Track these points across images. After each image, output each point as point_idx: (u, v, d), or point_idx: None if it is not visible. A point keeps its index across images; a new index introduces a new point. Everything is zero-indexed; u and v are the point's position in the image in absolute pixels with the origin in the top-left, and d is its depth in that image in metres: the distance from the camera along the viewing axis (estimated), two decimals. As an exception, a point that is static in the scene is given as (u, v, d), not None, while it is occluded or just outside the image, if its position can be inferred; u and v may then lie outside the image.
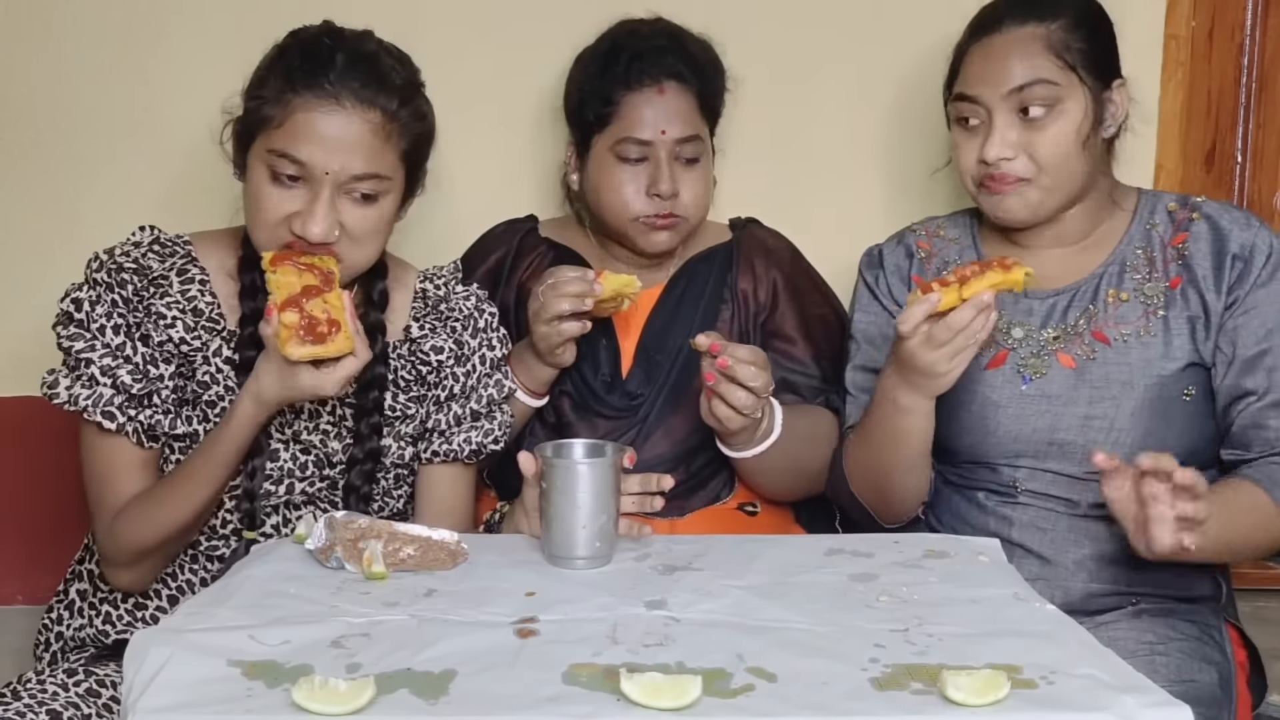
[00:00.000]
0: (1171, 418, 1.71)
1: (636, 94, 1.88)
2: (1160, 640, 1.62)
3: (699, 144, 1.91)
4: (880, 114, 2.25)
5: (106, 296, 1.62)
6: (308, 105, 1.58)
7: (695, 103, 1.91)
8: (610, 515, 1.49)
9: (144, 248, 1.68)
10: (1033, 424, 1.73)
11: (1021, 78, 1.70)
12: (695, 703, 1.12)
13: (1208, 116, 2.29)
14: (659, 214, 1.89)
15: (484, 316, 1.81)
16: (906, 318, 1.60)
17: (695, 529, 1.90)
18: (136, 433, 1.62)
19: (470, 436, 1.77)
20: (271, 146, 1.59)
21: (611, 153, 1.90)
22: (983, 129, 1.73)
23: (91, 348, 1.61)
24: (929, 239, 1.89)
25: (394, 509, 1.78)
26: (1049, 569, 1.71)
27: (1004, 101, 1.71)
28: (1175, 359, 1.71)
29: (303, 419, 1.70)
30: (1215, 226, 1.75)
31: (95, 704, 1.53)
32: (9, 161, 2.21)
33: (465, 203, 2.15)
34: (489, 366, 1.80)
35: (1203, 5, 2.25)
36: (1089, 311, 1.75)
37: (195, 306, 1.66)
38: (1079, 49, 1.71)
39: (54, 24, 2.19)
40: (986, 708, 1.12)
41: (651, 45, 1.91)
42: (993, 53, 1.73)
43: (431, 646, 1.24)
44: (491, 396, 1.79)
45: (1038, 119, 1.70)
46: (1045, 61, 1.70)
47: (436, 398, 1.77)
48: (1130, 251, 1.77)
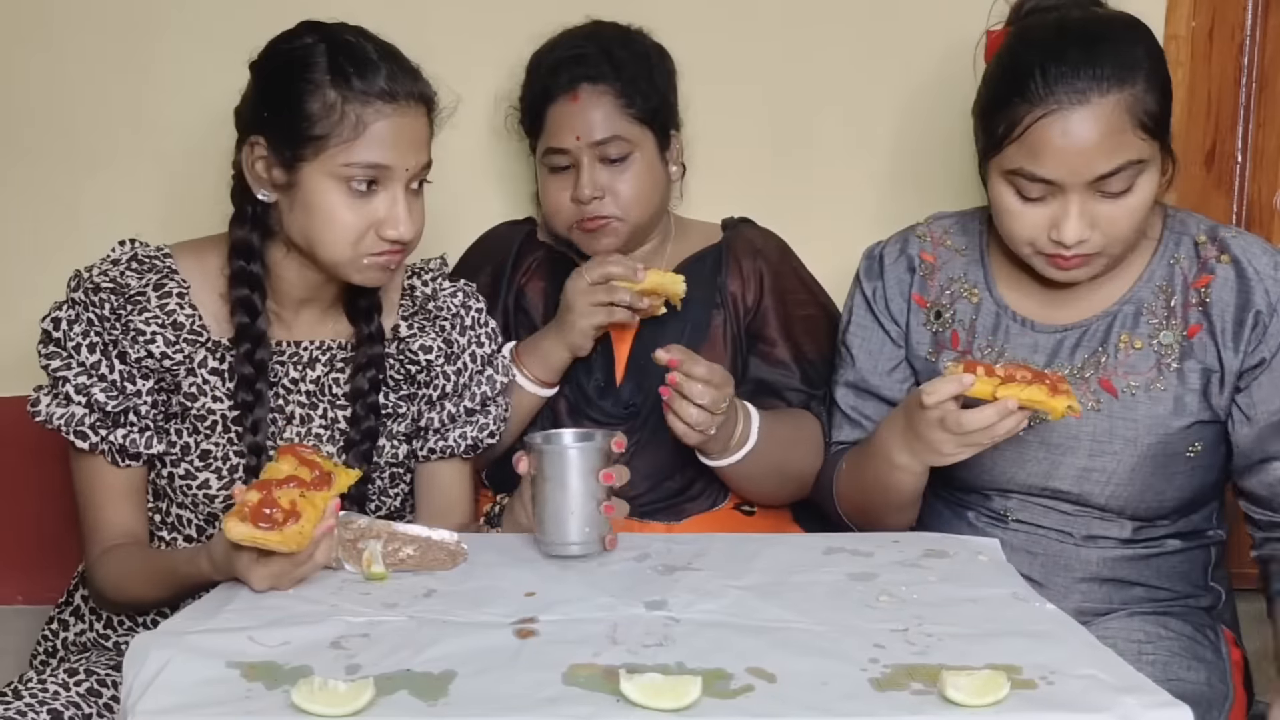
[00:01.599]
0: (1173, 474, 1.66)
1: (555, 104, 1.90)
2: (1149, 639, 1.62)
3: (622, 144, 1.89)
4: (880, 113, 2.24)
5: (84, 315, 1.63)
6: (382, 113, 1.59)
7: (617, 101, 1.89)
8: (600, 500, 1.50)
9: (122, 265, 1.67)
10: (1029, 469, 1.69)
11: (1110, 164, 1.54)
12: (695, 703, 1.12)
13: (1208, 116, 2.29)
14: (588, 218, 1.90)
15: (471, 313, 1.81)
16: (933, 391, 1.52)
17: (692, 528, 1.90)
18: (110, 452, 1.63)
19: (466, 432, 1.78)
20: (349, 160, 1.58)
21: (543, 164, 1.94)
22: (1051, 202, 1.59)
23: (67, 366, 1.62)
24: (934, 248, 1.80)
25: (391, 508, 1.78)
26: (1041, 590, 1.67)
27: (1086, 186, 1.56)
28: (1185, 415, 1.64)
29: (294, 425, 1.71)
30: (1241, 274, 1.64)
31: (96, 704, 1.53)
32: (8, 161, 2.21)
33: (459, 205, 2.15)
34: (479, 363, 1.80)
35: (1203, 5, 2.25)
36: (1097, 355, 1.67)
37: (175, 320, 1.66)
38: (1155, 111, 1.55)
39: (54, 24, 2.18)
40: (986, 708, 1.12)
41: (567, 54, 1.92)
42: (1072, 132, 1.53)
43: (431, 647, 1.24)
44: (485, 393, 1.79)
45: (1117, 197, 1.57)
46: (1133, 139, 1.54)
47: (428, 397, 1.77)
48: (1149, 291, 1.68)
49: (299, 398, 1.71)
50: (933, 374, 1.71)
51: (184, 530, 1.71)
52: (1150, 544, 1.70)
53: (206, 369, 1.67)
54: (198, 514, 1.70)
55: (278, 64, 1.64)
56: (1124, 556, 1.70)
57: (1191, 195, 2.18)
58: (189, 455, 1.67)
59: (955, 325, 1.76)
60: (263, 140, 1.62)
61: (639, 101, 1.90)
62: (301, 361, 1.72)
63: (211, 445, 1.67)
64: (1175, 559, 1.71)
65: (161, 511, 1.71)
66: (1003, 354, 1.72)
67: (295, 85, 1.60)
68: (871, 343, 1.82)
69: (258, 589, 1.40)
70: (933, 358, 1.78)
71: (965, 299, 1.77)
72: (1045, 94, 1.55)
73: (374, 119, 1.58)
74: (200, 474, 1.67)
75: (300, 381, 1.72)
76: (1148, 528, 1.70)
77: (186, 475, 1.67)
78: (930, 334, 1.79)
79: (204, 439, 1.67)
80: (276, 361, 1.70)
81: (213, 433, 1.67)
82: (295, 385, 1.72)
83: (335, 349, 1.74)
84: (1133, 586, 1.70)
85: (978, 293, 1.76)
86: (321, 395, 1.72)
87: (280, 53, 1.64)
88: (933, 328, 1.78)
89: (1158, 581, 1.70)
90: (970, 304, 1.76)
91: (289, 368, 1.71)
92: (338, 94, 1.58)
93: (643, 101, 1.91)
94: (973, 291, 1.77)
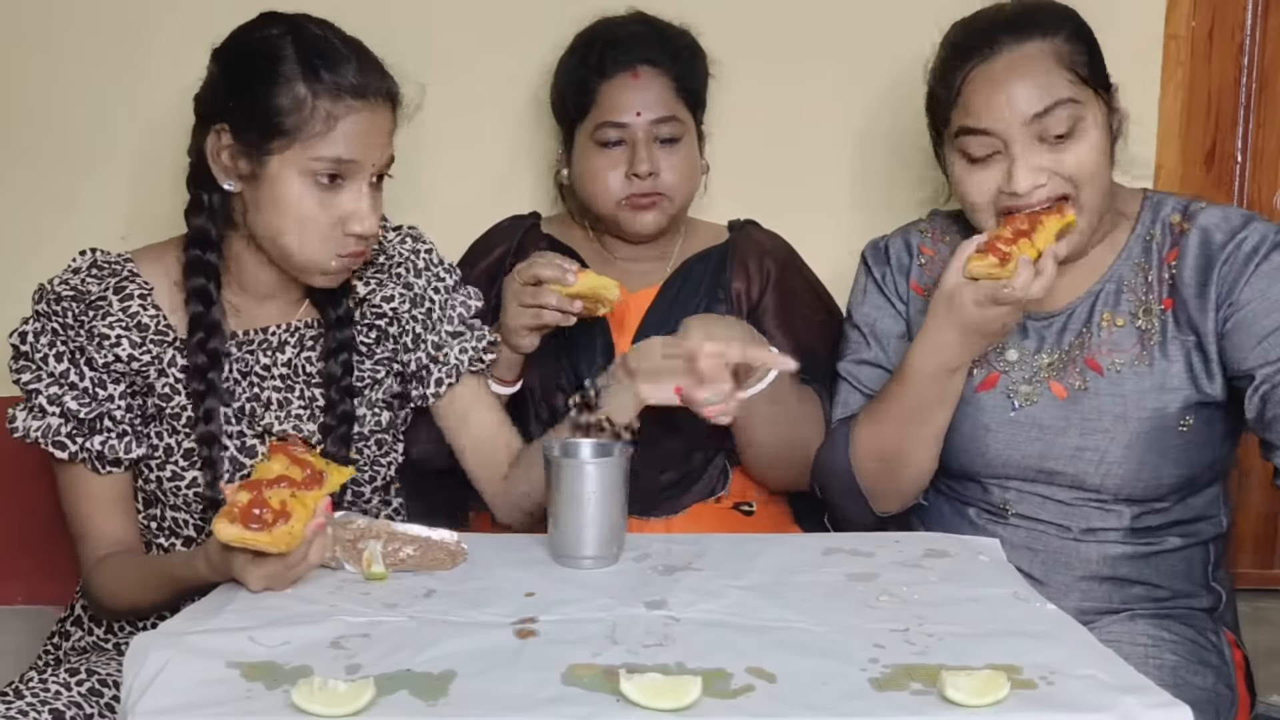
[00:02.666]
0: (1167, 449, 1.67)
1: (612, 80, 1.93)
2: (1155, 643, 1.62)
3: (677, 124, 1.94)
4: (879, 112, 2.24)
5: (48, 326, 1.64)
6: (351, 108, 1.59)
7: (672, 85, 1.94)
8: (617, 514, 1.50)
9: (83, 273, 1.67)
10: (1023, 450, 1.70)
11: (1041, 102, 1.60)
12: (695, 703, 1.12)
13: (1208, 116, 2.29)
14: (640, 194, 1.92)
15: (422, 255, 1.80)
16: (960, 255, 1.59)
17: (691, 528, 1.90)
18: (90, 459, 1.63)
19: (465, 347, 1.78)
20: (317, 154, 1.58)
21: (592, 140, 1.94)
22: (999, 160, 1.63)
23: (38, 378, 1.63)
24: (934, 243, 1.83)
25: (386, 476, 1.78)
26: (1041, 589, 1.68)
27: (1023, 130, 1.61)
28: (1171, 391, 1.66)
29: (272, 410, 1.70)
30: (1202, 238, 1.66)
31: (98, 704, 1.53)
32: (7, 161, 2.21)
33: (466, 200, 2.16)
34: (445, 293, 1.80)
35: (1203, 5, 2.25)
36: (1083, 336, 1.70)
37: (139, 322, 1.66)
38: (1084, 60, 1.63)
39: (53, 24, 2.19)
40: (986, 708, 1.12)
41: (625, 33, 1.96)
42: (997, 78, 1.62)
43: (431, 647, 1.24)
44: (461, 315, 1.80)
45: (1061, 140, 1.61)
46: (1060, 80, 1.61)
47: (405, 345, 1.77)
48: (1127, 267, 1.71)
49: (274, 382, 1.71)
50: None
51: (182, 532, 1.71)
52: (1150, 539, 1.70)
53: (176, 367, 1.67)
54: (192, 514, 1.70)
55: (244, 54, 1.63)
56: (1124, 554, 1.70)
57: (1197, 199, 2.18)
58: (173, 456, 1.67)
59: None
60: (228, 129, 1.61)
61: (690, 86, 1.97)
62: (271, 346, 1.72)
63: (193, 443, 1.67)
64: (1175, 557, 1.71)
65: (156, 518, 1.71)
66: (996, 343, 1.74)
67: (263, 77, 1.60)
68: (884, 321, 1.84)
69: (254, 590, 1.40)
70: None
71: None
72: (973, 51, 1.65)
73: (344, 114, 1.58)
74: (187, 473, 1.67)
75: (272, 366, 1.71)
76: (1147, 514, 1.70)
77: (174, 476, 1.67)
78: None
79: (185, 438, 1.66)
80: (246, 350, 1.70)
81: (193, 430, 1.67)
82: (268, 371, 1.71)
83: (303, 329, 1.74)
84: (1133, 585, 1.70)
85: None
86: (296, 376, 1.72)
87: (246, 42, 1.64)
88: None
89: (1157, 580, 1.70)
90: None
91: (259, 354, 1.71)
92: (308, 88, 1.58)
93: (692, 87, 1.97)
94: None
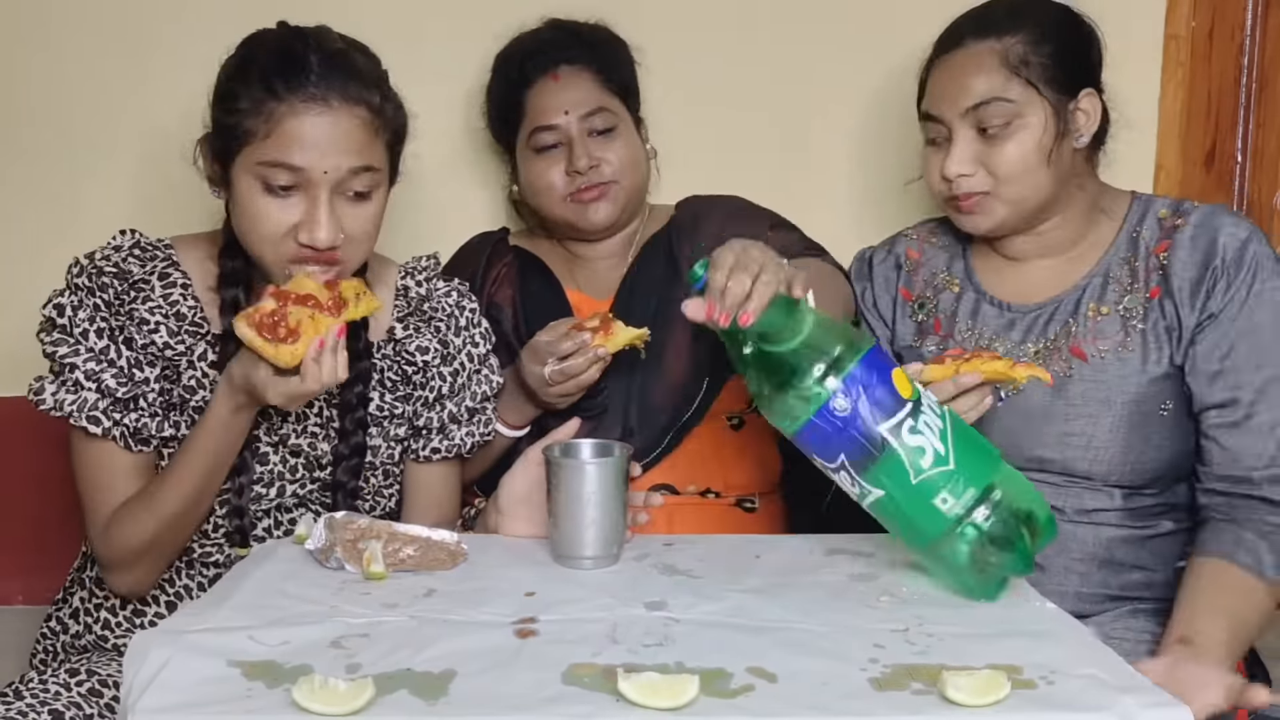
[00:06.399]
0: (1149, 433, 1.70)
1: (534, 87, 1.96)
2: (1157, 641, 1.62)
3: (608, 115, 1.95)
4: (879, 111, 2.25)
5: (89, 301, 1.62)
6: (295, 111, 1.56)
7: (595, 79, 1.96)
8: (617, 515, 1.50)
9: (124, 251, 1.67)
10: (1011, 438, 1.72)
11: (978, 95, 1.70)
12: (692, 702, 1.12)
13: (1208, 117, 2.29)
14: (585, 187, 1.94)
15: (465, 313, 1.81)
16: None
17: (693, 523, 1.90)
18: (124, 436, 1.61)
19: (473, 430, 1.79)
20: (262, 159, 1.56)
21: (529, 149, 1.97)
22: (945, 146, 1.74)
23: (75, 352, 1.60)
24: (920, 245, 1.91)
25: (386, 508, 1.78)
26: (1038, 574, 1.70)
27: (962, 119, 1.71)
28: (1150, 372, 1.69)
29: (290, 423, 1.70)
30: (1202, 236, 1.70)
31: (98, 704, 1.53)
32: (7, 160, 2.21)
33: (444, 211, 2.19)
34: (476, 363, 1.80)
35: (1203, 5, 2.25)
36: (1069, 326, 1.74)
37: (178, 311, 1.66)
38: (1039, 63, 1.69)
39: (53, 24, 2.19)
40: (986, 708, 1.12)
41: (540, 41, 2.00)
42: (952, 70, 1.73)
43: (431, 647, 1.24)
44: (484, 392, 1.80)
45: (995, 135, 1.70)
46: (1000, 79, 1.69)
47: (425, 398, 1.77)
48: (1115, 262, 1.75)
49: None
50: (916, 359, 1.77)
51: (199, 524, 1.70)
52: (1144, 522, 1.72)
53: (206, 362, 1.66)
54: None
55: (226, 63, 1.64)
56: (1119, 537, 1.72)
57: (1191, 195, 2.19)
58: None
59: (938, 314, 1.86)
60: (208, 137, 1.63)
61: (615, 77, 1.99)
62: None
63: None
64: (1169, 541, 1.73)
65: None
66: (981, 336, 1.80)
67: (232, 82, 1.60)
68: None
69: (271, 403, 1.52)
70: (917, 343, 1.87)
71: (947, 289, 1.87)
72: (944, 44, 1.77)
73: (286, 116, 1.55)
74: None
75: None
76: (1136, 496, 1.72)
77: None
78: (915, 324, 1.88)
79: None
80: None
81: None
82: None
83: None
84: (1130, 570, 1.71)
85: (958, 283, 1.86)
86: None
87: (236, 51, 1.65)
88: (917, 318, 1.88)
89: (1153, 564, 1.72)
90: (952, 294, 1.86)
91: None
92: (262, 91, 1.56)
93: (618, 78, 1.99)
94: (954, 282, 1.86)
